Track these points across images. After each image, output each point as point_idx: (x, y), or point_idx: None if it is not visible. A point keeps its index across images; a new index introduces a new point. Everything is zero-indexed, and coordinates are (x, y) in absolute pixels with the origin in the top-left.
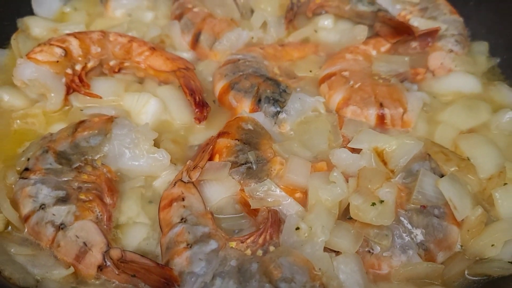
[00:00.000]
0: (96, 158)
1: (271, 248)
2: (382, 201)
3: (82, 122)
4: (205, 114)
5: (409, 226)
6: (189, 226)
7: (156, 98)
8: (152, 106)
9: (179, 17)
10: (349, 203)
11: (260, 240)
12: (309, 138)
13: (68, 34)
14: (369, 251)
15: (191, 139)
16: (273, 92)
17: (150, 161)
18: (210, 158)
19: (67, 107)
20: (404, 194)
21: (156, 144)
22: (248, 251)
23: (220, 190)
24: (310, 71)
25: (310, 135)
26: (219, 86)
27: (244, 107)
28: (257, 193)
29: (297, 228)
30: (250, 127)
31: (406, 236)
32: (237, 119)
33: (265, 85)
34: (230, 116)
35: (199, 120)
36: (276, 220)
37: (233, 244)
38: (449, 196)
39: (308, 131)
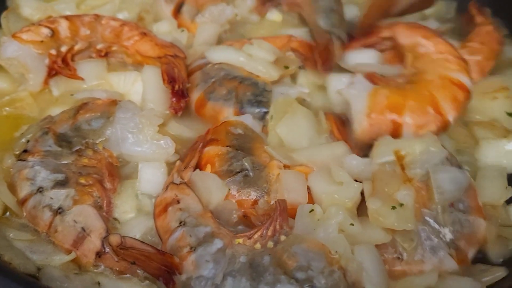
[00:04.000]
0: (97, 141)
1: (282, 238)
2: (402, 204)
3: (85, 104)
4: (181, 104)
5: (436, 226)
6: (189, 228)
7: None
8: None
9: None
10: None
11: (270, 232)
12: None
13: (61, 16)
14: (398, 257)
15: None
16: (254, 93)
17: (154, 147)
18: (200, 167)
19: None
20: (425, 192)
21: None
22: (258, 245)
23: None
24: (286, 67)
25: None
26: (193, 98)
27: (228, 116)
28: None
29: (311, 210)
30: (240, 131)
31: (434, 236)
32: (224, 124)
33: (243, 88)
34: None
35: (175, 110)
36: (284, 208)
37: (239, 240)
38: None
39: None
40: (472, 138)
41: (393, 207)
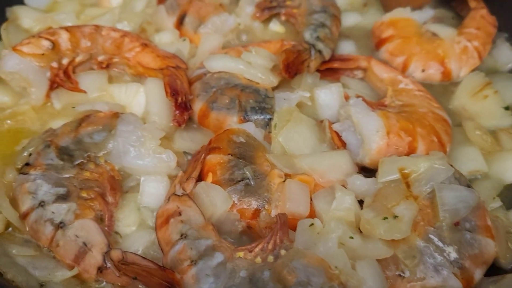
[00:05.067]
0: (99, 155)
1: (283, 252)
2: (396, 217)
3: (86, 116)
4: (185, 117)
5: (440, 244)
6: (190, 241)
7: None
8: (144, 97)
9: None
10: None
11: (270, 246)
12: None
13: (61, 28)
14: (400, 275)
15: None
16: (257, 101)
17: (156, 161)
18: (202, 175)
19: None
20: (430, 210)
21: None
22: (258, 259)
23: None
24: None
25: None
26: (196, 109)
27: (232, 125)
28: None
29: (311, 224)
30: (242, 139)
31: (438, 255)
32: (226, 132)
33: (245, 95)
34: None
35: (178, 123)
36: (285, 222)
37: (240, 254)
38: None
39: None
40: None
41: (385, 218)
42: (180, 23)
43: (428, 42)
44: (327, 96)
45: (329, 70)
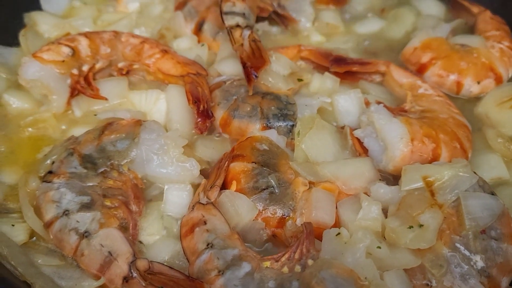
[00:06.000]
0: (122, 163)
1: (310, 262)
2: (421, 225)
3: (109, 124)
4: (207, 124)
5: (467, 253)
6: (217, 251)
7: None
8: (164, 103)
9: (182, 4)
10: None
11: (297, 255)
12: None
13: (80, 34)
14: (427, 284)
15: None
16: (279, 107)
17: (179, 169)
18: (225, 183)
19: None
20: (455, 218)
21: None
22: (285, 269)
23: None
24: (300, 80)
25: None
26: (217, 117)
27: (254, 133)
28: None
29: (338, 234)
30: (265, 147)
31: (465, 264)
32: (249, 140)
33: (267, 103)
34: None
35: (200, 130)
36: (311, 231)
37: (267, 263)
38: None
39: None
40: None
41: (410, 227)
42: (198, 30)
43: (467, 54)
44: (347, 102)
45: (348, 73)
